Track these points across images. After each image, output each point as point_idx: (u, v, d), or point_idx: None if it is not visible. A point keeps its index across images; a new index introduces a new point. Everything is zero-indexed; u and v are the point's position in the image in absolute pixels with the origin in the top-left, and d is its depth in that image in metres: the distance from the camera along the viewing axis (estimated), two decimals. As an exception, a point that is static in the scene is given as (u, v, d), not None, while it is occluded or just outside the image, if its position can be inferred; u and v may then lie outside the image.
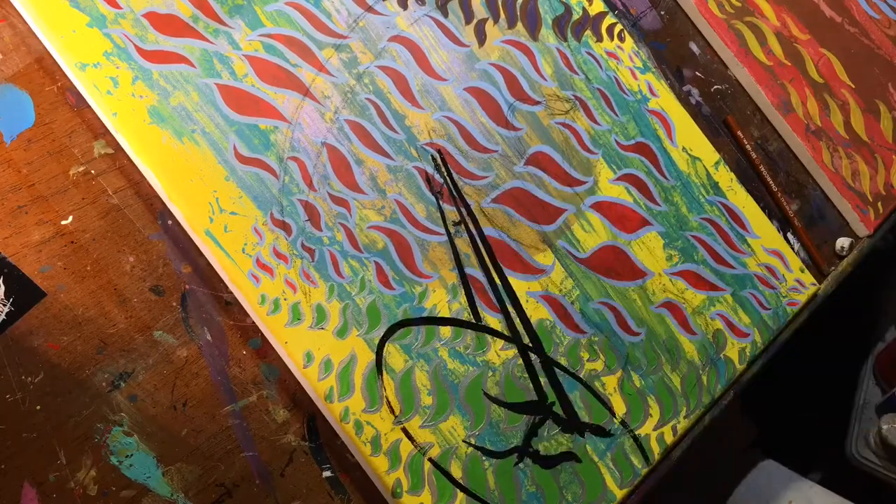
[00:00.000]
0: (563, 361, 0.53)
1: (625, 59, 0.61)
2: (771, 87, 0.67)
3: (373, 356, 0.48)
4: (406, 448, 0.47)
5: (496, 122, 0.55)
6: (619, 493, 0.52)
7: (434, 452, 0.48)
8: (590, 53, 0.60)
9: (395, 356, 0.48)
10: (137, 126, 0.45)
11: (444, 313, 0.50)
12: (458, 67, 0.55)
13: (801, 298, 0.63)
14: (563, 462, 0.51)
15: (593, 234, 0.56)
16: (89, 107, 0.45)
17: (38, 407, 0.42)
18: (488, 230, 0.53)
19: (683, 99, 0.65)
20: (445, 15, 0.55)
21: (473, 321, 0.51)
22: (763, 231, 0.63)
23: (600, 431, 0.53)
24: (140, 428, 0.43)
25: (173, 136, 0.46)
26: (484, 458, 0.49)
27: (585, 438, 0.52)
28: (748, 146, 0.66)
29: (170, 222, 0.46)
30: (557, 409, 0.52)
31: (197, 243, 0.46)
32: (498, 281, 0.52)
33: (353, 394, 0.47)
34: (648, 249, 0.58)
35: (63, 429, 0.42)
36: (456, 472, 0.48)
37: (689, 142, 0.62)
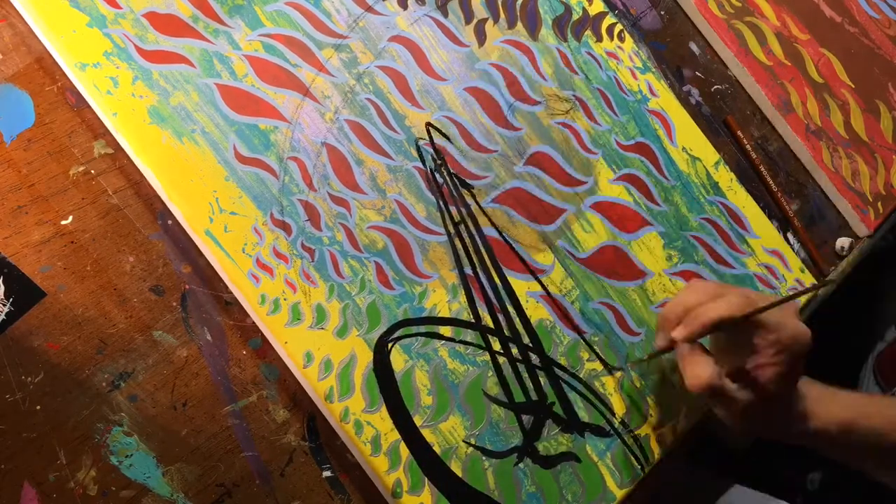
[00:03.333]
0: (562, 361, 0.53)
1: (625, 59, 0.61)
2: (771, 87, 0.67)
3: (372, 356, 0.48)
4: (406, 449, 0.47)
5: (496, 122, 0.55)
6: (619, 493, 0.52)
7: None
8: (590, 53, 0.60)
9: (395, 356, 0.48)
10: (137, 126, 0.45)
11: (444, 313, 0.50)
12: (458, 67, 0.55)
13: (801, 298, 0.63)
14: (563, 462, 0.51)
15: (593, 234, 0.56)
16: (89, 107, 0.45)
17: (38, 407, 0.42)
18: (488, 230, 0.53)
19: (683, 99, 0.65)
20: (445, 15, 0.55)
21: (473, 321, 0.51)
22: (763, 231, 0.63)
23: (600, 431, 0.53)
24: (140, 428, 0.43)
25: (173, 136, 0.46)
26: (484, 458, 0.49)
27: (585, 438, 0.52)
28: (748, 146, 0.66)
29: (170, 222, 0.46)
30: (557, 409, 0.52)
31: (197, 243, 0.46)
32: (498, 281, 0.52)
33: (353, 394, 0.47)
34: (648, 249, 0.58)
35: (63, 429, 0.42)
36: (456, 472, 0.48)
37: (689, 142, 0.62)
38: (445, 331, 0.50)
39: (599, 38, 0.61)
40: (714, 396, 0.47)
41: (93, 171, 0.45)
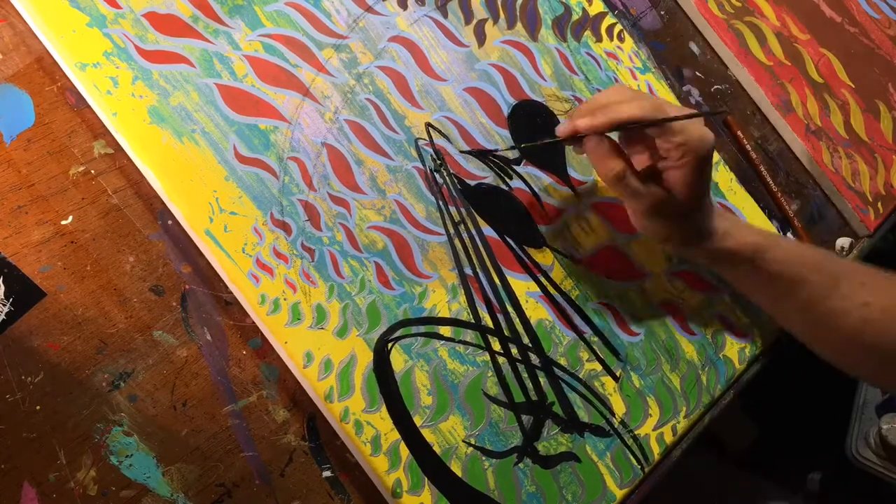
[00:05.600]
0: (562, 361, 0.53)
1: (624, 59, 0.61)
2: (771, 87, 0.67)
3: (372, 356, 0.48)
4: (406, 449, 0.47)
5: (496, 123, 0.55)
6: (619, 493, 0.52)
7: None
8: (589, 54, 0.60)
9: (395, 356, 0.48)
10: (137, 126, 0.45)
11: (444, 313, 0.50)
12: (457, 68, 0.55)
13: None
14: (562, 462, 0.51)
15: (593, 235, 0.56)
16: (89, 107, 0.45)
17: (38, 407, 0.42)
18: (488, 230, 0.53)
19: (683, 99, 0.65)
20: (445, 15, 0.55)
21: (473, 321, 0.51)
22: (763, 231, 0.63)
23: (600, 431, 0.53)
24: (140, 428, 0.43)
25: (173, 136, 0.46)
26: (484, 458, 0.49)
27: (585, 438, 0.52)
28: (748, 146, 0.66)
29: (170, 222, 0.46)
30: (557, 409, 0.52)
31: (197, 243, 0.46)
32: (497, 281, 0.52)
33: (353, 394, 0.47)
34: (647, 250, 0.58)
35: (63, 429, 0.42)
36: (456, 472, 0.48)
37: (688, 142, 0.62)
38: (445, 331, 0.50)
39: (599, 39, 0.61)
40: (624, 190, 0.48)
41: (93, 171, 0.45)
